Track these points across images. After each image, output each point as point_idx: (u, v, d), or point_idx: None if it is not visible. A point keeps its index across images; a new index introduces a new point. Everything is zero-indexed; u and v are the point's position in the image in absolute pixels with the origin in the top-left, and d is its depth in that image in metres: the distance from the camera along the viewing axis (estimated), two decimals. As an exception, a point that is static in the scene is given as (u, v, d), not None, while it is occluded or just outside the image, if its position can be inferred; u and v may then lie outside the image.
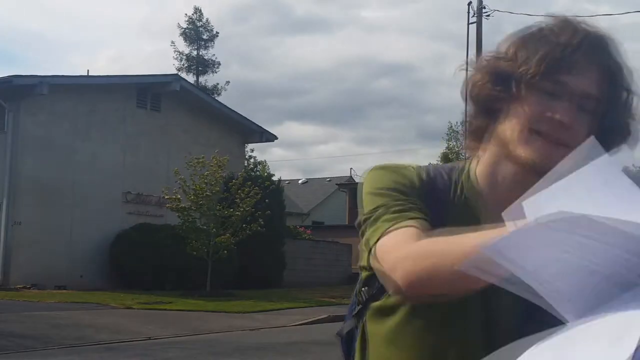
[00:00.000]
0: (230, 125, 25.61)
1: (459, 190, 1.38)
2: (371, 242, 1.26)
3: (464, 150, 1.47)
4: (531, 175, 1.22)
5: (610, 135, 1.26)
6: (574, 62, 1.24)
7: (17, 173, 20.24)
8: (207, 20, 49.89)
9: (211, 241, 19.25)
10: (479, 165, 1.38)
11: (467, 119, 1.37)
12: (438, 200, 1.35)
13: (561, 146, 1.22)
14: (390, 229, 1.23)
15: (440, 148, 60.84)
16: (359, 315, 1.45)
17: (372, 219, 1.29)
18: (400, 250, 1.18)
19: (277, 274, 24.14)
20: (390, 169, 1.38)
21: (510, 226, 0.86)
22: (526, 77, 1.24)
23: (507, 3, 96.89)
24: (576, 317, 0.84)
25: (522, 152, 1.25)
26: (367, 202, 1.34)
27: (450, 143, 59.61)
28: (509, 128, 1.27)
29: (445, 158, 57.57)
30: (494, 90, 1.28)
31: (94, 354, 10.43)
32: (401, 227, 1.22)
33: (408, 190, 1.33)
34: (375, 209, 1.30)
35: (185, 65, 48.57)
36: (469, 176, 1.39)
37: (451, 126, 61.50)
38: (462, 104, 1.38)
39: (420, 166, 1.42)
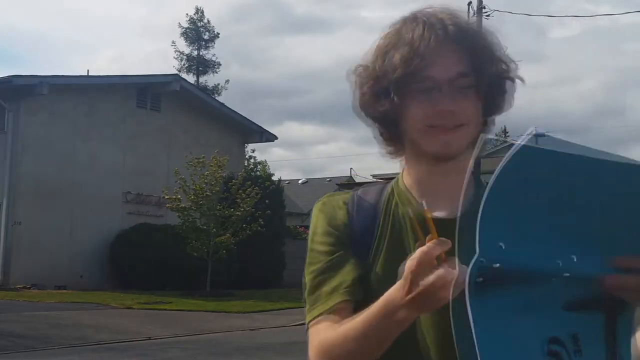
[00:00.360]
0: (230, 125, 25.61)
1: (390, 204, 1.44)
2: (306, 321, 1.42)
3: None
4: (443, 165, 1.35)
5: (494, 92, 1.34)
6: (431, 52, 1.29)
7: (17, 173, 20.25)
8: (207, 20, 49.92)
9: (211, 241, 19.25)
10: (404, 173, 1.46)
11: (376, 137, 1.44)
12: (367, 223, 1.43)
13: (457, 127, 1.31)
14: (312, 316, 1.39)
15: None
16: None
17: (308, 281, 1.42)
18: (313, 346, 1.37)
19: (277, 274, 24.13)
20: (325, 213, 1.46)
21: None
22: (397, 84, 1.31)
23: (507, 3, 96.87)
24: None
25: (426, 147, 1.33)
26: (308, 252, 1.46)
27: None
28: (410, 129, 1.35)
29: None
30: (380, 104, 1.36)
31: (94, 354, 10.44)
32: (322, 316, 1.37)
33: (339, 234, 1.42)
34: (311, 272, 1.42)
35: (186, 65, 48.57)
36: (398, 185, 1.46)
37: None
38: None
39: (351, 194, 1.49)
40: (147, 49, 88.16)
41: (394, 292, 1.16)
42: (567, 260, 1.07)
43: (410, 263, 1.10)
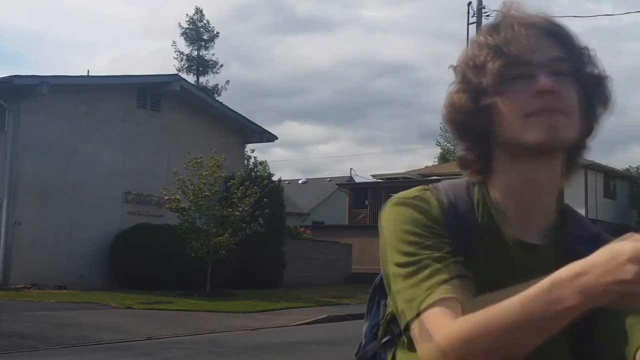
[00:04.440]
0: (230, 126, 25.60)
1: (483, 209, 1.33)
2: (407, 317, 1.20)
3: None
4: (544, 162, 1.25)
5: (591, 87, 1.27)
6: (528, 38, 1.24)
7: (17, 173, 20.24)
8: (207, 20, 49.93)
9: (211, 241, 19.24)
10: (492, 182, 1.34)
11: (460, 156, 1.34)
12: (464, 225, 1.30)
13: (556, 112, 1.22)
14: (426, 305, 1.16)
15: (439, 148, 60.96)
16: (388, 344, 1.40)
17: (401, 277, 1.22)
18: (442, 337, 1.12)
19: (277, 274, 24.13)
20: (411, 205, 1.30)
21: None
22: (497, 74, 1.24)
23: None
24: None
25: (528, 137, 1.23)
26: (392, 250, 1.26)
27: (445, 144, 59.62)
28: (506, 128, 1.25)
29: (443, 158, 57.71)
30: (476, 107, 1.27)
31: (94, 354, 10.43)
32: (437, 305, 1.16)
33: (434, 229, 1.27)
34: (405, 264, 1.23)
35: (186, 65, 48.60)
36: (483, 193, 1.34)
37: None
38: None
39: (438, 190, 1.35)
40: (147, 49, 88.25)
41: (566, 274, 1.02)
42: None
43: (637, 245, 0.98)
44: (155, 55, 78.34)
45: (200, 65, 48.60)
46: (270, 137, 27.59)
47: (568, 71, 1.25)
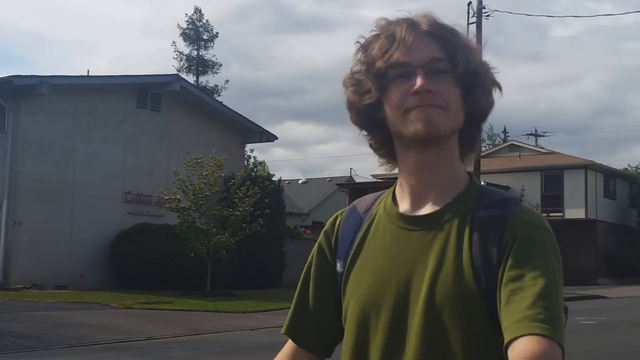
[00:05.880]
0: (230, 125, 25.60)
1: (387, 197, 1.51)
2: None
3: None
4: (429, 150, 1.39)
5: (468, 79, 1.39)
6: (406, 41, 1.38)
7: (17, 173, 20.25)
8: (207, 20, 49.92)
9: (211, 241, 19.24)
10: (399, 166, 1.50)
11: (368, 143, 1.51)
12: (352, 225, 1.56)
13: (430, 107, 1.36)
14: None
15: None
16: None
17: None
18: None
19: (277, 274, 24.13)
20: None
21: None
22: (379, 75, 1.39)
23: (507, 3, 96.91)
24: None
25: (407, 130, 1.38)
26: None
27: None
28: (392, 122, 1.40)
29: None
30: (365, 103, 1.42)
31: (94, 354, 10.43)
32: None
33: (320, 248, 1.62)
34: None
35: (185, 65, 48.57)
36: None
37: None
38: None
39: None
40: (147, 49, 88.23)
41: None
42: None
43: None
44: (155, 55, 78.39)
45: (200, 65, 48.58)
46: (270, 137, 27.59)
47: (445, 69, 1.38)
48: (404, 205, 1.45)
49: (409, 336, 1.34)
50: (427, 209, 1.41)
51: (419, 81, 1.35)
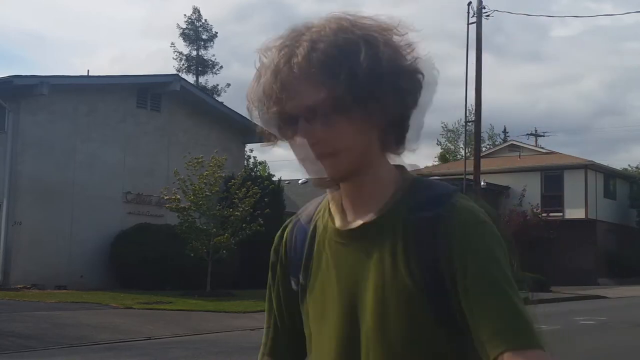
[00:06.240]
0: (230, 126, 25.59)
1: (324, 211, 1.48)
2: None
3: (462, 150, 1.53)
4: (345, 181, 1.35)
5: (372, 94, 1.26)
6: (284, 87, 1.26)
7: (17, 173, 20.25)
8: (205, 20, 49.90)
9: (211, 241, 19.24)
10: None
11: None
12: (298, 239, 1.55)
13: (324, 157, 1.28)
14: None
15: (439, 148, 60.86)
16: None
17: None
18: None
19: (277, 274, 24.11)
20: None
21: None
22: (273, 122, 1.34)
23: (507, 3, 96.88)
24: None
25: (308, 177, 1.34)
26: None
27: (446, 144, 59.56)
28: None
29: (443, 158, 57.63)
30: (273, 136, 1.41)
31: (94, 354, 10.43)
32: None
33: (273, 265, 1.64)
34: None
35: (185, 65, 48.59)
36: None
37: (445, 126, 61.13)
38: (462, 106, 1.40)
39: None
40: (147, 49, 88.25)
41: None
42: None
43: None
44: (155, 55, 78.39)
45: (200, 65, 48.59)
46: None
47: (327, 107, 1.25)
48: (337, 220, 1.40)
49: (363, 355, 1.32)
50: (358, 222, 1.35)
51: (303, 134, 1.27)
